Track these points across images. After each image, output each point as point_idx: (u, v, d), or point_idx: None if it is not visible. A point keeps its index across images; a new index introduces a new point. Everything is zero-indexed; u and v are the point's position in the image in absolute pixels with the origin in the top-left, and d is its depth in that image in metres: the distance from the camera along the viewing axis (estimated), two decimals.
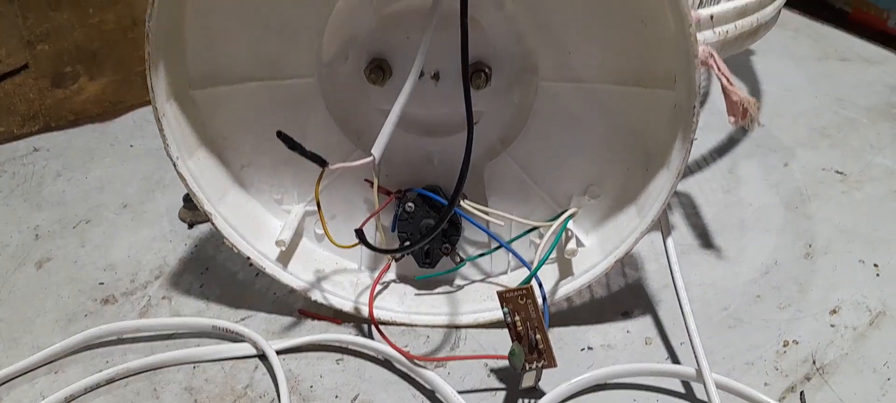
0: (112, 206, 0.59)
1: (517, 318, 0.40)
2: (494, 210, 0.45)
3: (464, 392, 0.41)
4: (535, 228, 0.46)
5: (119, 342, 0.45)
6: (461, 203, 0.43)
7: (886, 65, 0.80)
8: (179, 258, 0.53)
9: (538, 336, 0.39)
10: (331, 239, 0.42)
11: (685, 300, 0.41)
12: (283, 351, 0.44)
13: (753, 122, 0.41)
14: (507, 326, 0.40)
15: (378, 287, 0.48)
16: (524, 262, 0.44)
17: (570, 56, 0.42)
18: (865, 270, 0.50)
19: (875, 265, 0.51)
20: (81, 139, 0.69)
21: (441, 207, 0.44)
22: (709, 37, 0.44)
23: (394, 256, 0.48)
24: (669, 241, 0.43)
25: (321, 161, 0.39)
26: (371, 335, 0.46)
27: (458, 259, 0.47)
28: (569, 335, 0.46)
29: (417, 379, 0.42)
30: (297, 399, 0.42)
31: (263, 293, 0.49)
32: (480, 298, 0.48)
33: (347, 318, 0.47)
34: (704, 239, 0.54)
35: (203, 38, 0.43)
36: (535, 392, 0.41)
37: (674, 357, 0.44)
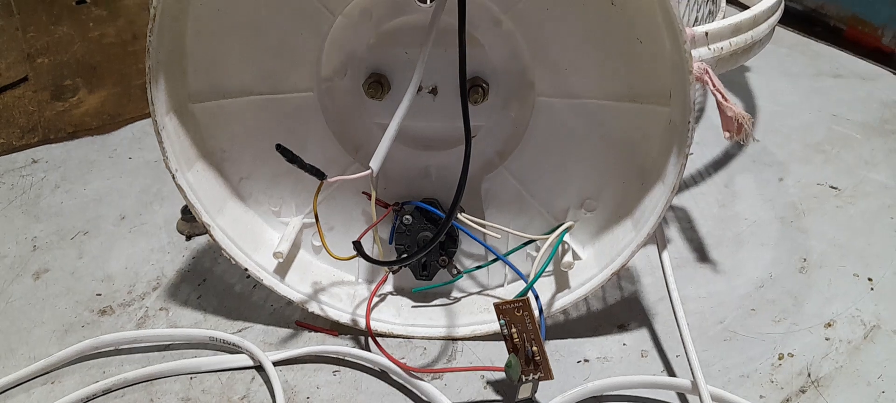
0: (110, 218, 0.59)
1: (514, 330, 0.40)
2: (491, 223, 0.45)
3: None
4: (532, 241, 0.47)
5: (116, 353, 0.45)
6: (458, 216, 0.43)
7: (879, 81, 0.81)
8: (177, 269, 0.53)
9: (535, 348, 0.39)
10: (328, 251, 0.42)
11: (681, 313, 0.42)
12: (280, 363, 0.44)
13: (748, 138, 0.41)
14: (504, 338, 0.40)
15: (375, 299, 0.48)
16: (521, 275, 0.44)
17: (567, 72, 0.42)
18: (860, 284, 0.50)
19: (869, 279, 0.51)
20: (80, 151, 0.69)
21: (438, 220, 0.45)
22: (704, 54, 0.44)
23: (391, 268, 0.49)
24: (665, 255, 0.43)
25: (320, 174, 0.39)
26: (368, 347, 0.46)
27: (455, 271, 0.47)
28: (565, 347, 0.46)
29: (414, 391, 0.42)
30: None
31: (261, 304, 0.49)
32: (477, 310, 0.48)
33: (344, 330, 0.47)
34: (700, 253, 0.54)
35: (203, 53, 0.43)
36: None
37: (669, 369, 0.44)
